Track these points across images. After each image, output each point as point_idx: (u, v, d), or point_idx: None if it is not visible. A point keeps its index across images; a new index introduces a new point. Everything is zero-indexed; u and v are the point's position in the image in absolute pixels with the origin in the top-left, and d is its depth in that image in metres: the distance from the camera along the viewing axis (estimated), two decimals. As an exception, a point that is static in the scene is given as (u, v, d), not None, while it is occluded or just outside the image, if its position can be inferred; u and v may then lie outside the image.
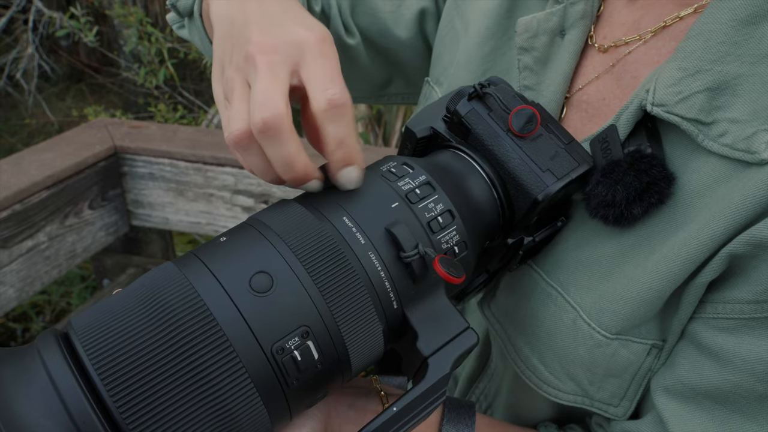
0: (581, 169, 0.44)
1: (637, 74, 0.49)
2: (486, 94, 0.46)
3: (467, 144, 0.46)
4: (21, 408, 0.30)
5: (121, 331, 0.32)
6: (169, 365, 0.32)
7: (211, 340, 0.33)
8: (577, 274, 0.47)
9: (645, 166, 0.43)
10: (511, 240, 0.46)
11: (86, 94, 4.90)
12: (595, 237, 0.47)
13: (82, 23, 2.84)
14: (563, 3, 0.52)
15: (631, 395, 0.48)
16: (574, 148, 0.45)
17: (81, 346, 0.32)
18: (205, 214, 1.60)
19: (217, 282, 0.35)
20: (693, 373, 0.44)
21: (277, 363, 0.34)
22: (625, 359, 0.46)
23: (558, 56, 0.52)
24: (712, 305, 0.43)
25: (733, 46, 0.41)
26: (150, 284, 0.35)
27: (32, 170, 1.39)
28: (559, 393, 0.50)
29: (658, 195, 0.43)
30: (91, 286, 2.89)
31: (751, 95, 0.40)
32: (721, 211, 0.40)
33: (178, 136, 1.61)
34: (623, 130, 0.45)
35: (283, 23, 0.41)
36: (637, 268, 0.44)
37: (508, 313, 0.52)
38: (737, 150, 0.40)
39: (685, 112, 0.41)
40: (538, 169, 0.43)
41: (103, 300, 0.35)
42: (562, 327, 0.48)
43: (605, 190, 0.43)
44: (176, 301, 0.34)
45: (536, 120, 0.44)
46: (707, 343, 0.43)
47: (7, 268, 1.33)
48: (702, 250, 0.41)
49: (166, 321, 0.33)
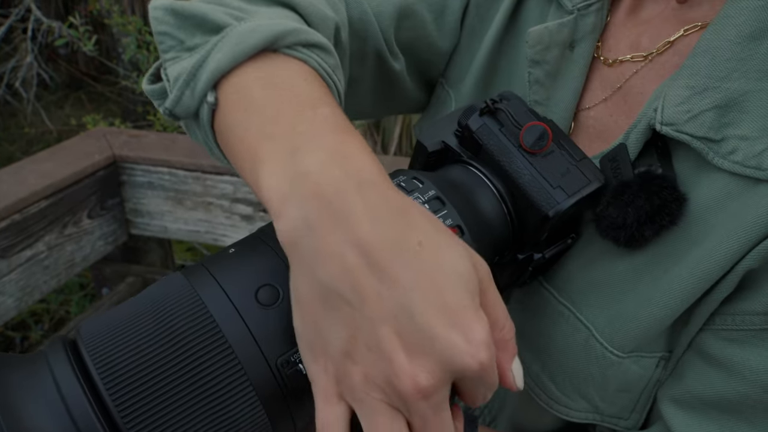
0: (592, 187, 0.44)
1: (643, 90, 0.48)
2: (497, 109, 0.45)
3: (478, 159, 0.46)
4: (26, 413, 0.30)
5: (128, 341, 0.33)
6: (173, 376, 0.32)
7: (217, 353, 0.33)
8: (589, 294, 0.47)
9: (656, 188, 0.42)
10: (521, 256, 0.46)
11: (85, 103, 4.91)
12: (607, 256, 0.46)
13: (81, 32, 2.84)
14: (574, 14, 0.50)
15: (640, 408, 0.48)
16: (585, 165, 0.44)
17: (88, 354, 0.32)
18: (204, 223, 1.60)
19: (224, 294, 0.35)
20: (701, 384, 0.44)
21: (282, 376, 0.34)
22: (636, 374, 0.46)
23: (568, 71, 0.51)
24: (721, 317, 0.42)
25: (739, 63, 0.40)
26: (158, 294, 0.35)
27: (31, 180, 1.39)
28: (570, 411, 0.49)
29: (669, 217, 0.42)
30: (90, 295, 2.88)
31: (759, 111, 0.40)
32: (734, 229, 0.40)
33: (177, 144, 1.61)
34: (633, 149, 0.44)
35: (428, 324, 0.29)
36: (650, 287, 0.44)
37: (519, 330, 0.51)
38: (748, 167, 0.39)
39: (695, 130, 0.41)
40: (549, 185, 0.43)
41: (112, 308, 0.36)
42: (575, 346, 0.47)
43: (616, 212, 0.43)
44: (183, 312, 0.34)
45: (548, 136, 0.44)
46: (716, 354, 0.43)
47: (6, 278, 1.32)
48: (716, 268, 0.40)
49: (173, 332, 0.33)
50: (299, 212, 0.31)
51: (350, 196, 0.31)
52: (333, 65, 0.44)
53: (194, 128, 0.45)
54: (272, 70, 0.40)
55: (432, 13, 0.58)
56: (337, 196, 0.31)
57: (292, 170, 0.32)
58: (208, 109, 0.41)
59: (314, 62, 0.42)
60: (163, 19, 0.44)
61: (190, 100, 0.41)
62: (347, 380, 0.30)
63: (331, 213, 0.30)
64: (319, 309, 0.31)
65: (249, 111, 0.38)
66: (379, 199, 0.31)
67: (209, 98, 0.40)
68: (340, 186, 0.31)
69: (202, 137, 0.44)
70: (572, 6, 0.50)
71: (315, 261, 0.30)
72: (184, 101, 0.42)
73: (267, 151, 0.35)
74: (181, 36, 0.43)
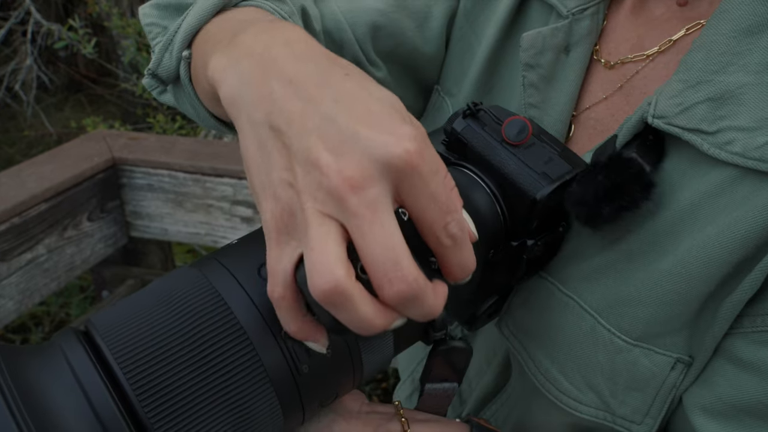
0: (575, 172, 0.45)
1: (646, 90, 0.49)
2: (479, 110, 0.47)
3: (466, 159, 0.48)
4: (46, 400, 0.30)
5: (143, 329, 0.33)
6: (190, 361, 0.33)
7: (229, 331, 0.34)
8: (592, 281, 0.47)
9: (619, 168, 0.43)
10: (515, 243, 0.47)
11: (85, 105, 4.91)
12: (602, 242, 0.47)
13: (80, 35, 2.85)
14: (569, 18, 0.51)
15: (654, 412, 0.47)
16: (567, 154, 0.46)
17: (104, 343, 0.32)
18: (204, 225, 1.60)
19: (227, 271, 0.36)
20: (733, 389, 0.42)
21: (287, 347, 0.35)
22: (647, 370, 0.45)
23: (563, 74, 0.52)
24: (749, 318, 0.42)
25: (736, 56, 0.41)
26: (170, 284, 0.36)
27: (31, 183, 1.39)
28: (579, 405, 0.49)
29: (629, 197, 0.42)
30: (90, 297, 2.88)
31: (758, 103, 0.40)
32: (743, 214, 0.39)
33: (177, 147, 1.61)
34: (621, 139, 0.45)
35: (353, 126, 0.29)
36: (648, 270, 0.44)
37: (527, 329, 0.52)
38: (750, 159, 0.39)
39: (686, 122, 0.41)
40: (534, 172, 0.44)
41: (121, 300, 0.36)
42: (581, 335, 0.47)
43: (580, 189, 0.43)
44: (196, 298, 0.35)
45: (528, 129, 0.45)
46: (747, 357, 0.42)
47: (6, 281, 1.32)
48: (723, 253, 0.40)
49: (187, 318, 0.34)
50: (234, 73, 0.34)
51: (277, 47, 0.34)
52: (288, 12, 0.48)
53: (180, 95, 0.51)
54: (231, 15, 0.46)
55: (414, 20, 0.59)
56: (266, 50, 0.34)
57: (231, 48, 0.36)
58: (185, 63, 0.47)
59: (268, 7, 0.47)
60: (149, 13, 0.53)
61: (169, 60, 0.49)
62: (289, 208, 0.30)
63: (260, 63, 0.33)
64: (262, 152, 0.31)
65: (209, 43, 0.43)
66: (306, 48, 0.34)
67: (185, 53, 0.47)
68: (269, 43, 0.34)
69: (187, 99, 0.50)
70: (567, 11, 0.51)
71: (251, 108, 0.32)
72: (164, 63, 0.49)
73: (213, 50, 0.39)
74: (164, 23, 0.52)
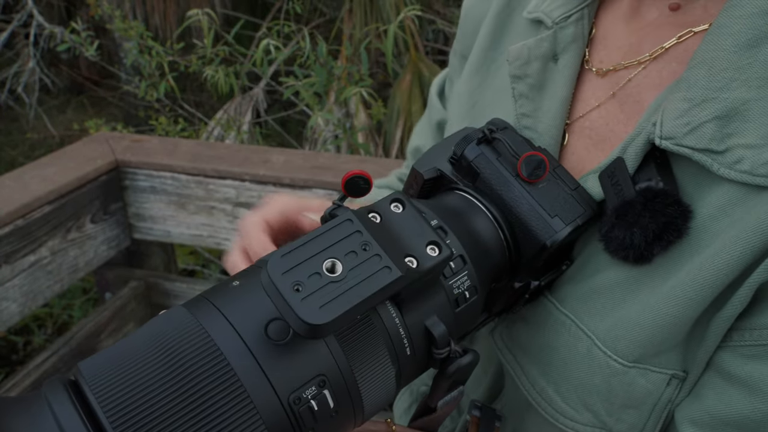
0: (588, 215, 0.45)
1: (640, 98, 0.48)
2: (495, 138, 0.46)
3: (474, 187, 0.47)
4: None
5: (133, 379, 0.31)
6: (183, 416, 0.31)
7: (229, 391, 0.32)
8: (591, 302, 0.46)
9: (659, 206, 0.42)
10: (518, 284, 0.46)
11: (87, 107, 4.92)
12: (608, 265, 0.46)
13: (82, 37, 2.85)
14: (553, 28, 0.52)
15: (650, 428, 0.47)
16: (580, 193, 0.45)
17: (92, 393, 0.30)
18: (207, 227, 1.60)
19: (232, 328, 0.34)
20: (721, 404, 0.42)
21: (294, 413, 0.34)
22: (643, 389, 0.45)
23: (553, 81, 0.52)
24: (738, 332, 0.42)
25: (738, 71, 0.40)
26: (162, 329, 0.34)
27: (34, 185, 1.39)
28: (576, 425, 0.48)
29: (676, 233, 0.42)
30: (93, 299, 2.89)
31: (763, 119, 0.39)
32: (737, 235, 0.39)
33: (180, 149, 1.62)
34: (631, 164, 0.44)
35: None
36: (651, 294, 0.43)
37: (521, 344, 0.52)
38: (758, 176, 0.39)
39: (695, 143, 0.41)
40: (547, 215, 0.44)
41: (112, 346, 0.34)
42: (577, 356, 0.47)
43: (622, 234, 0.43)
44: (190, 347, 0.32)
45: (545, 166, 0.44)
46: (735, 371, 0.42)
47: (10, 283, 1.33)
48: (719, 275, 0.40)
49: (180, 369, 0.32)
50: None
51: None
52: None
53: None
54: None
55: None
56: None
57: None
58: None
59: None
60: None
61: None
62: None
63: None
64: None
65: None
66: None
67: None
68: None
69: None
70: (551, 22, 0.52)
71: None
72: None
73: None
74: None
